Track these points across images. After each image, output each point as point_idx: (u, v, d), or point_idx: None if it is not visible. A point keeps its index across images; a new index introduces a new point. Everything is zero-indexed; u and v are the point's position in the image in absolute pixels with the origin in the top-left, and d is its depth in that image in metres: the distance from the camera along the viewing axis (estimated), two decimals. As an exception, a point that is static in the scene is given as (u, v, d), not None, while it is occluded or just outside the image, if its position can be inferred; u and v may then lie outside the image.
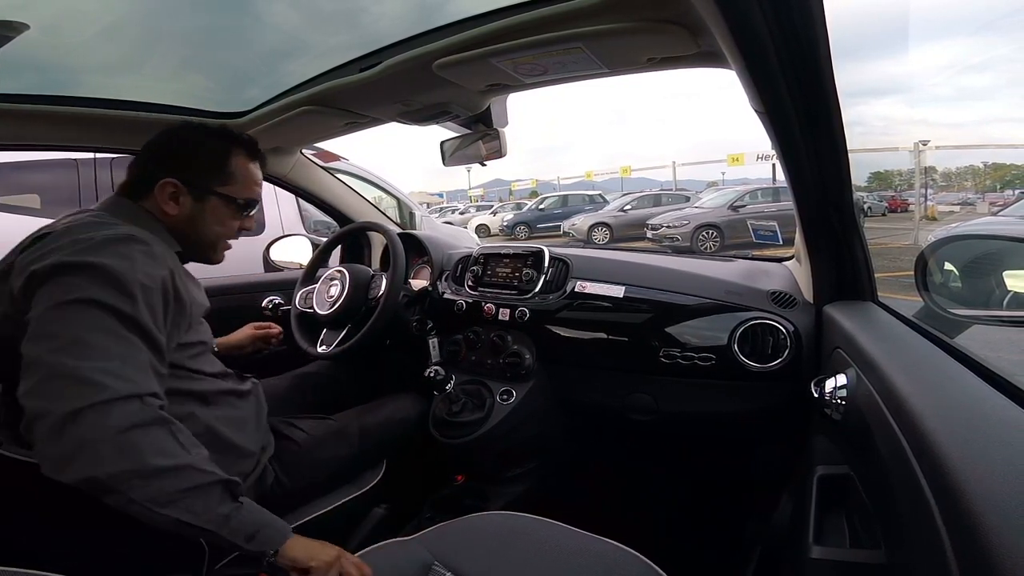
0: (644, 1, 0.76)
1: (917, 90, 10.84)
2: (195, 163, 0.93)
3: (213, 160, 0.94)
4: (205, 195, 0.93)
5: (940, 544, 0.39)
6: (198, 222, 0.93)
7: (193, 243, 0.94)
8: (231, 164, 0.95)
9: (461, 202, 29.48)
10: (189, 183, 0.91)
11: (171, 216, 0.91)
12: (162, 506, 0.66)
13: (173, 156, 0.92)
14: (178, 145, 0.94)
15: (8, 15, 0.90)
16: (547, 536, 0.83)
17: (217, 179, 0.94)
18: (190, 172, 0.92)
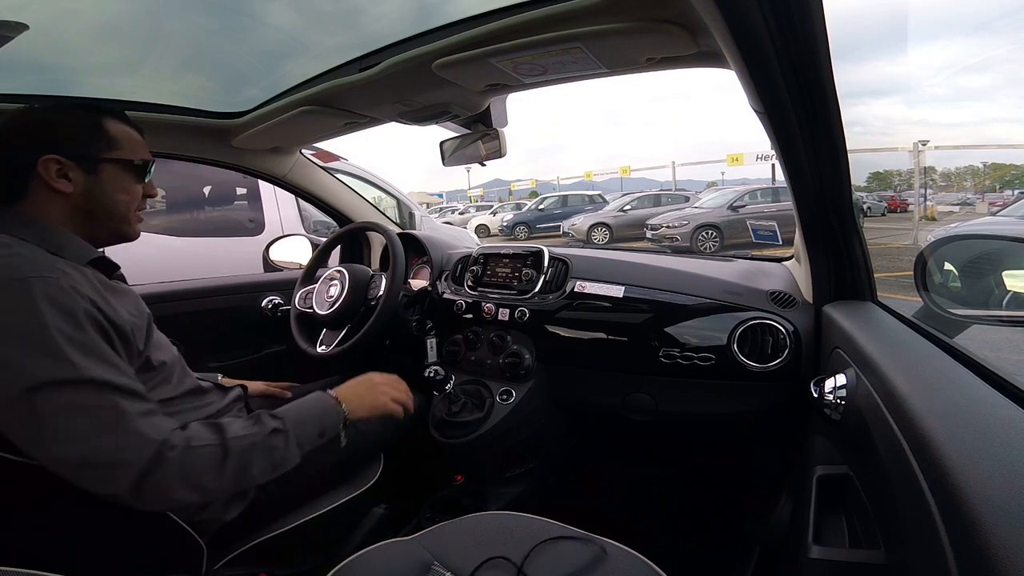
0: (643, 1, 0.76)
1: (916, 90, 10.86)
2: (69, 135, 0.82)
3: (87, 128, 0.84)
4: (97, 164, 0.83)
5: (939, 544, 0.39)
6: (99, 195, 0.83)
7: (101, 221, 0.84)
8: (108, 128, 0.85)
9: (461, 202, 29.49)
10: (74, 156, 0.80)
11: (66, 196, 0.80)
12: (249, 484, 0.77)
13: (40, 135, 0.81)
14: (37, 124, 0.82)
15: (7, 15, 0.90)
16: (546, 536, 0.83)
17: (102, 145, 0.84)
18: (68, 145, 0.80)
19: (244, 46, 1.17)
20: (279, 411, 0.85)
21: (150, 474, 0.67)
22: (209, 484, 0.72)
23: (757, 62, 0.68)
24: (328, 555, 1.05)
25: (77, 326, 0.69)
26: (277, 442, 0.80)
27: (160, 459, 0.68)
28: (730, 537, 1.37)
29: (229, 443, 0.75)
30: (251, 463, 0.76)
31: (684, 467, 1.61)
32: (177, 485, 0.69)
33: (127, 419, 0.68)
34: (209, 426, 0.76)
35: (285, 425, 0.82)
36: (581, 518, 0.89)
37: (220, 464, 0.73)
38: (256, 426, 0.80)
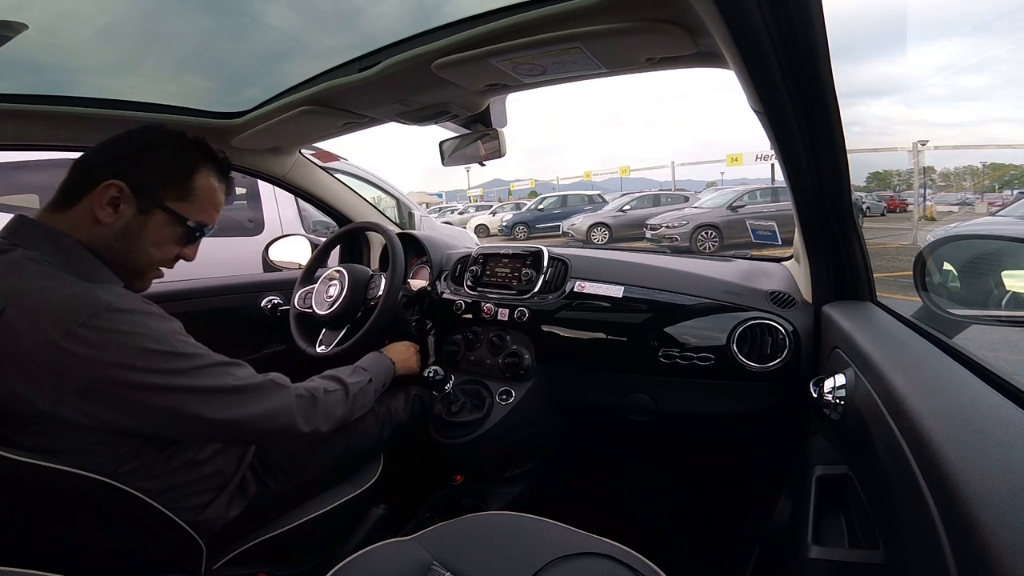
0: (643, 1, 0.76)
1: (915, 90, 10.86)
2: (153, 166, 0.80)
3: (175, 168, 0.82)
4: (152, 207, 0.80)
5: (938, 544, 0.39)
6: (132, 238, 0.79)
7: (117, 262, 0.80)
8: (196, 178, 0.83)
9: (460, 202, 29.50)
10: (137, 189, 0.78)
11: (102, 226, 0.77)
12: (350, 417, 1.01)
13: (128, 156, 0.79)
14: (138, 145, 0.81)
15: (6, 15, 0.90)
16: (546, 536, 0.83)
17: (173, 191, 0.81)
18: (142, 175, 0.78)
19: (244, 46, 1.16)
20: (364, 365, 1.13)
21: (305, 414, 0.88)
22: (338, 415, 0.96)
23: (756, 62, 0.68)
24: (328, 555, 1.05)
25: (176, 329, 0.78)
26: (369, 388, 1.07)
27: (308, 402, 0.90)
28: (729, 537, 1.38)
29: (349, 388, 1.00)
30: (356, 402, 1.02)
31: (683, 467, 1.61)
32: (321, 419, 0.91)
33: (268, 379, 0.85)
34: (330, 377, 1.01)
35: (373, 376, 1.10)
36: (580, 518, 0.89)
37: (344, 402, 0.98)
38: (359, 376, 1.06)
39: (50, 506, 0.73)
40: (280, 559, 1.02)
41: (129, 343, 0.70)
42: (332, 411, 0.94)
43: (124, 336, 0.70)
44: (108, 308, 0.70)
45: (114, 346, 0.69)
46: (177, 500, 0.81)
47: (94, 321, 0.68)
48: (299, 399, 0.88)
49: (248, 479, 0.96)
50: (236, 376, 0.81)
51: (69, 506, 0.72)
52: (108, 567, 0.80)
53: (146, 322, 0.73)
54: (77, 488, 0.70)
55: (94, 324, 0.68)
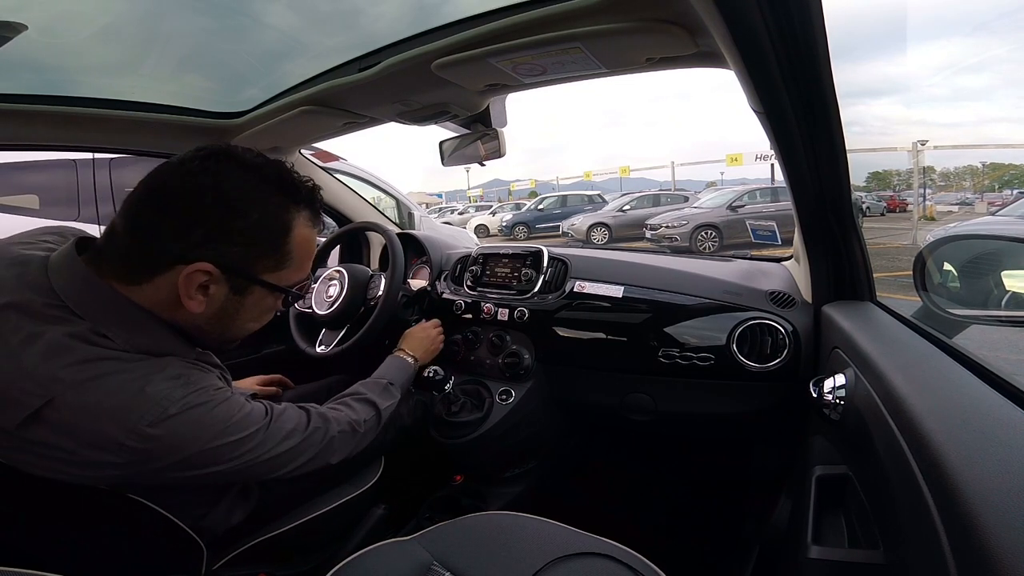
0: (643, 1, 0.76)
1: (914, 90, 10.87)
2: (243, 238, 0.65)
3: (269, 232, 0.68)
4: (249, 285, 0.69)
5: (938, 544, 0.39)
6: (229, 319, 0.71)
7: (208, 338, 0.73)
8: (292, 237, 0.69)
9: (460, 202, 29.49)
10: (228, 268, 0.65)
11: (192, 314, 0.66)
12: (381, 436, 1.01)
13: (210, 222, 0.63)
14: (220, 204, 0.63)
15: (6, 15, 0.90)
16: (546, 536, 0.83)
17: (270, 261, 0.69)
18: (235, 251, 0.65)
19: (244, 46, 1.16)
20: (390, 379, 1.10)
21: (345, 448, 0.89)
22: (368, 440, 0.96)
23: (756, 62, 0.68)
24: (328, 555, 1.05)
25: (228, 397, 0.70)
26: (400, 409, 1.10)
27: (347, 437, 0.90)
28: (729, 537, 1.38)
29: (382, 414, 1.00)
30: (388, 422, 1.02)
31: (683, 467, 1.61)
32: (359, 447, 0.93)
33: (312, 426, 0.83)
34: (364, 402, 0.99)
35: (401, 390, 1.10)
36: (580, 518, 0.89)
37: (376, 428, 0.98)
38: (390, 399, 1.05)
39: (51, 508, 0.73)
40: (280, 559, 1.02)
41: (200, 444, 0.65)
42: (365, 439, 0.95)
43: (194, 437, 0.65)
44: (174, 406, 0.62)
45: (186, 444, 0.64)
46: (180, 507, 0.81)
47: (162, 421, 0.61)
48: (341, 435, 0.88)
49: (251, 484, 0.96)
50: (288, 433, 0.78)
51: (70, 508, 0.72)
52: (108, 568, 0.80)
53: (212, 415, 0.66)
54: (78, 491, 0.70)
55: (162, 423, 0.61)
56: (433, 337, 1.31)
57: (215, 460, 0.68)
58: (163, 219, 0.63)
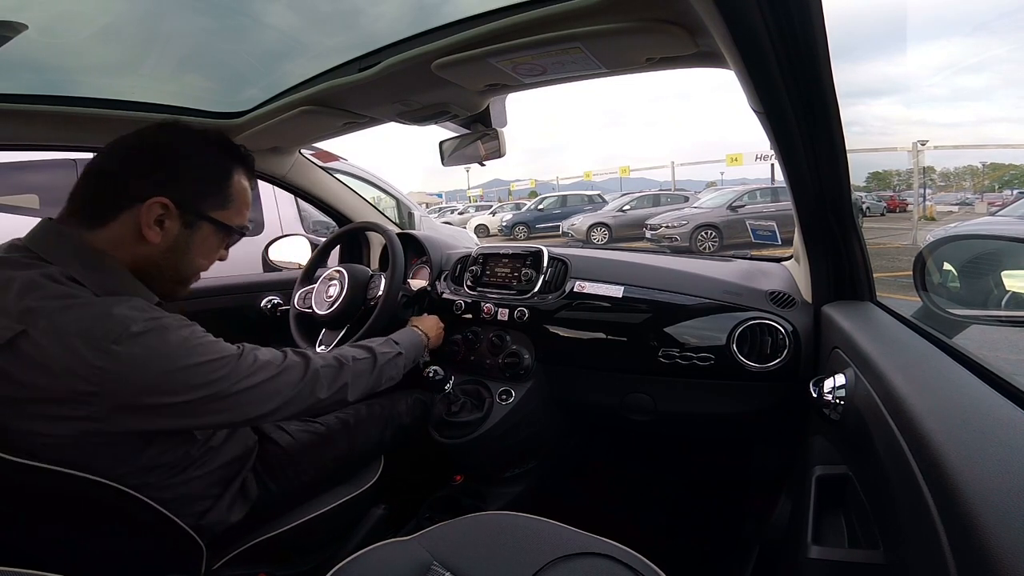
0: (643, 1, 0.76)
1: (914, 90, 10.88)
2: (192, 177, 0.77)
3: (212, 175, 0.80)
4: (198, 220, 0.79)
5: (938, 544, 0.39)
6: (181, 253, 0.79)
7: (165, 278, 0.80)
8: (232, 183, 0.82)
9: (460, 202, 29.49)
10: (181, 203, 0.75)
11: (149, 245, 0.75)
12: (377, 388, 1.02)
13: (164, 168, 0.75)
14: (169, 153, 0.77)
15: (6, 15, 0.90)
16: (546, 536, 0.83)
17: (213, 200, 0.80)
18: (183, 188, 0.76)
19: (244, 46, 1.16)
20: (396, 338, 1.13)
21: (330, 380, 0.89)
22: (362, 384, 0.96)
23: (756, 62, 0.68)
24: (328, 555, 1.05)
25: (199, 333, 0.76)
26: (399, 362, 1.07)
27: (334, 370, 0.91)
28: (729, 537, 1.38)
29: (378, 357, 1.02)
30: (384, 372, 1.02)
31: (683, 467, 1.61)
32: (350, 385, 0.93)
33: (290, 360, 0.85)
34: (360, 346, 1.02)
35: (403, 350, 1.10)
36: (580, 518, 0.89)
37: (370, 372, 0.99)
38: (389, 347, 1.07)
39: (51, 507, 0.73)
40: (280, 559, 1.02)
41: (165, 363, 0.69)
42: (358, 380, 0.95)
43: (159, 355, 0.69)
44: (136, 324, 0.68)
45: (151, 363, 0.68)
46: (180, 507, 0.81)
47: (127, 338, 0.66)
48: (326, 369, 0.89)
49: (250, 481, 0.96)
50: (263, 365, 0.81)
51: (70, 507, 0.72)
52: (108, 568, 0.80)
53: (175, 335, 0.71)
54: (78, 490, 0.70)
55: (127, 341, 0.66)
56: (441, 326, 1.36)
57: (184, 385, 0.70)
58: (124, 167, 0.75)
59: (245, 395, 0.77)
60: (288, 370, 0.84)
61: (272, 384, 0.81)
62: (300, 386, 0.84)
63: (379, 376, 1.01)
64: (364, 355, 1.00)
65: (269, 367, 0.81)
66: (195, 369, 0.72)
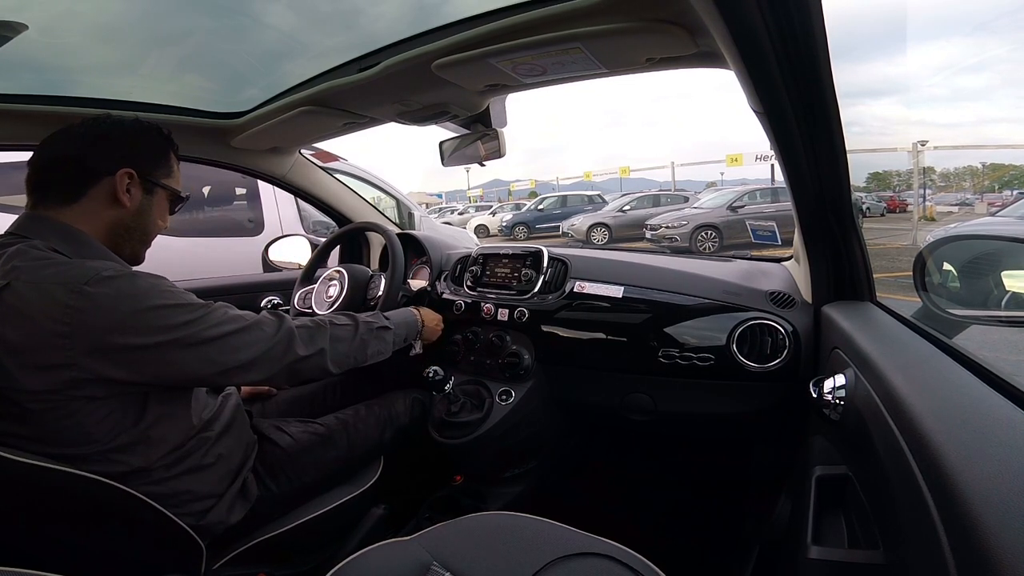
0: (643, 1, 0.76)
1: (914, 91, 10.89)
2: (145, 153, 0.89)
3: (158, 151, 0.92)
4: (154, 187, 0.90)
5: (938, 544, 0.39)
6: (145, 215, 0.89)
7: (134, 240, 0.90)
8: (170, 156, 0.93)
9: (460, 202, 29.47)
10: (143, 174, 0.88)
11: (121, 209, 0.86)
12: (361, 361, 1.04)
13: (123, 147, 0.87)
14: (124, 136, 0.88)
15: (7, 15, 0.90)
16: (546, 536, 0.83)
17: (164, 171, 0.92)
18: (141, 161, 0.88)
19: (243, 46, 1.17)
20: (387, 312, 1.14)
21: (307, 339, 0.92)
22: (343, 350, 0.98)
23: (756, 62, 0.68)
24: (327, 555, 1.05)
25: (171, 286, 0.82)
26: (386, 335, 1.08)
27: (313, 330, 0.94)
28: (729, 537, 1.38)
29: (360, 325, 1.03)
30: (368, 343, 1.04)
31: (683, 467, 1.61)
32: (328, 349, 0.94)
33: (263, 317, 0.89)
34: (343, 314, 1.05)
35: (393, 325, 1.11)
36: (580, 518, 0.89)
37: (352, 338, 1.00)
38: (376, 319, 1.08)
39: (51, 507, 0.73)
40: (280, 559, 1.02)
41: (134, 303, 0.75)
42: (337, 345, 0.96)
43: (128, 295, 0.75)
44: (107, 271, 0.75)
45: (121, 303, 0.74)
46: (180, 506, 0.81)
47: (98, 280, 0.73)
48: (302, 329, 0.92)
49: (250, 482, 0.96)
50: (235, 317, 0.85)
51: (70, 507, 0.72)
52: (108, 568, 0.80)
53: (144, 280, 0.78)
54: (78, 489, 0.70)
55: (98, 283, 0.73)
56: (439, 323, 1.37)
57: (151, 326, 0.75)
58: (86, 151, 0.84)
59: (216, 344, 0.81)
60: (261, 324, 0.88)
61: (245, 335, 0.85)
62: (274, 340, 0.88)
63: (362, 346, 1.02)
64: (345, 321, 1.01)
65: (240, 320, 0.86)
66: (164, 311, 0.77)
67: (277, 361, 0.88)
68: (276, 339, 0.88)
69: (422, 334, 1.27)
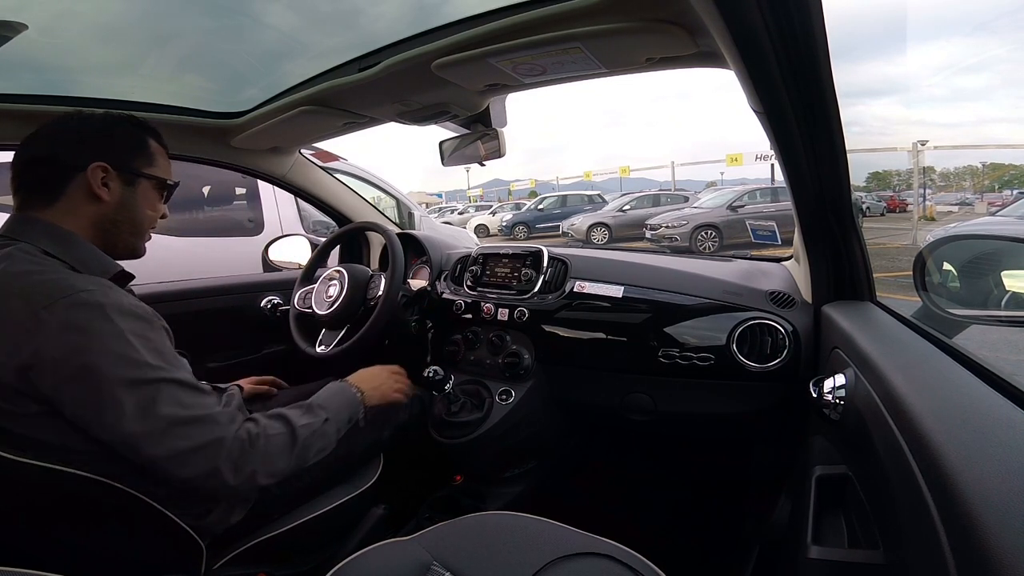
0: (643, 1, 0.76)
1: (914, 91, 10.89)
2: (118, 145, 0.86)
3: (132, 141, 0.89)
4: (136, 178, 0.87)
5: (938, 544, 0.39)
6: (131, 207, 0.87)
7: (124, 233, 0.88)
8: (150, 144, 0.90)
9: (460, 202, 29.47)
10: (119, 166, 0.85)
11: (101, 203, 0.84)
12: (303, 465, 0.88)
13: (93, 141, 0.84)
14: (91, 131, 0.86)
15: (7, 15, 0.90)
16: (545, 536, 0.83)
17: (144, 160, 0.89)
18: (117, 154, 0.85)
19: (243, 46, 1.17)
20: (320, 402, 0.96)
21: (237, 460, 0.77)
22: (282, 466, 0.83)
23: (756, 62, 0.68)
24: (327, 555, 1.05)
25: (147, 328, 0.76)
26: (328, 429, 0.93)
27: (243, 446, 0.78)
28: (729, 537, 1.38)
29: (297, 431, 0.86)
30: (310, 447, 0.88)
31: (683, 467, 1.61)
32: (260, 470, 0.79)
33: (208, 413, 0.77)
34: (276, 417, 0.87)
35: (330, 415, 0.94)
36: (580, 518, 0.89)
37: (290, 449, 0.85)
38: (312, 416, 0.91)
39: (51, 507, 0.73)
40: (280, 559, 1.02)
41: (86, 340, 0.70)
42: (272, 461, 0.81)
43: (83, 331, 0.70)
44: (82, 296, 0.72)
45: (74, 336, 0.70)
46: (180, 506, 0.81)
47: (60, 306, 0.70)
48: (235, 440, 0.78)
49: None
50: (186, 404, 0.75)
51: (70, 507, 0.72)
52: (108, 568, 0.80)
53: (116, 322, 0.72)
54: (78, 489, 0.70)
55: (59, 309, 0.70)
56: (385, 377, 1.13)
57: (87, 377, 0.69)
58: (58, 150, 0.83)
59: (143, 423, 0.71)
60: (202, 423, 0.76)
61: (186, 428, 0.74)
62: (201, 439, 0.75)
63: (301, 453, 0.86)
64: (280, 430, 0.85)
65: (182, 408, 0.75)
66: (108, 365, 0.70)
67: (199, 460, 0.74)
68: (206, 440, 0.75)
69: (366, 402, 1.04)
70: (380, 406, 1.08)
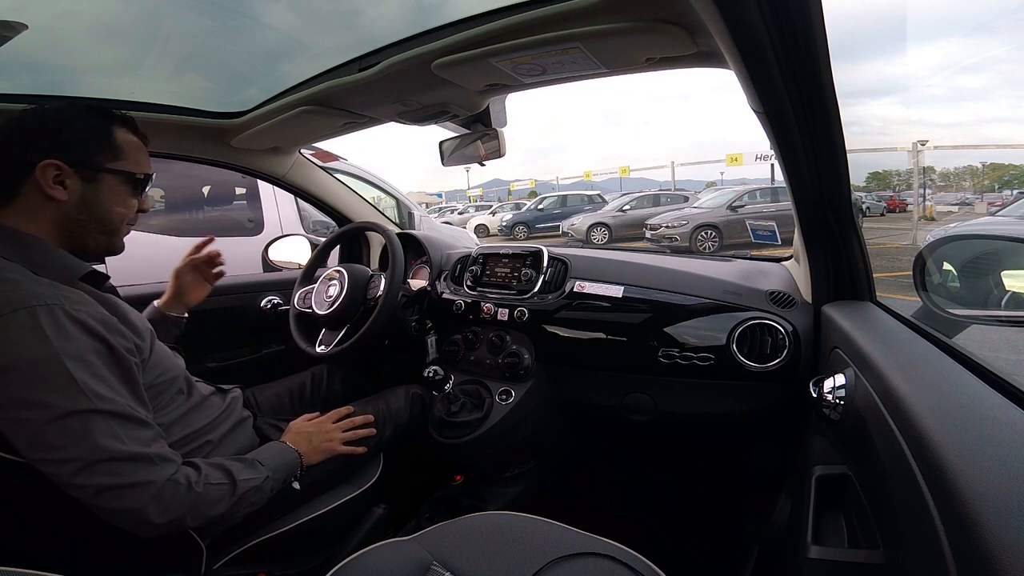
0: (643, 1, 0.76)
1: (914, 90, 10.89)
2: (75, 139, 0.80)
3: (94, 134, 0.83)
4: (97, 173, 0.82)
5: (938, 544, 0.39)
6: (94, 205, 0.82)
7: (91, 233, 0.83)
8: (116, 136, 0.84)
9: (460, 202, 29.48)
10: (75, 163, 0.79)
11: (58, 204, 0.79)
12: (234, 517, 0.87)
13: (44, 136, 0.79)
14: (42, 125, 0.80)
15: (7, 15, 0.90)
16: (545, 536, 0.83)
17: (107, 155, 0.83)
18: (71, 150, 0.79)
19: (243, 46, 1.17)
20: (262, 459, 0.93)
21: (168, 503, 0.74)
22: (213, 514, 0.81)
23: (756, 62, 0.68)
24: (327, 555, 1.05)
25: (93, 350, 0.73)
26: (265, 486, 0.90)
27: (176, 491, 0.75)
28: (729, 537, 1.38)
29: (238, 485, 0.85)
30: (245, 500, 0.86)
31: (683, 467, 1.61)
32: (190, 515, 0.77)
33: (143, 452, 0.73)
34: (219, 468, 0.85)
35: (271, 473, 0.92)
36: (580, 518, 0.89)
37: (227, 500, 0.83)
38: (255, 472, 0.90)
39: (50, 507, 0.73)
40: (280, 559, 1.02)
41: (10, 361, 0.67)
42: (207, 507, 0.79)
43: (11, 353, 0.67)
44: (20, 316, 0.69)
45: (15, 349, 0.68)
46: None
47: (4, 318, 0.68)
48: (171, 484, 0.75)
49: None
50: (113, 433, 0.71)
51: (71, 507, 0.72)
52: (108, 568, 0.80)
53: (54, 343, 0.69)
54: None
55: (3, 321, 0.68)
56: (319, 431, 1.08)
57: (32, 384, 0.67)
58: (8, 147, 0.78)
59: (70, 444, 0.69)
60: (135, 461, 0.73)
61: (106, 450, 0.70)
62: (134, 478, 0.72)
63: (237, 504, 0.84)
64: (221, 480, 0.83)
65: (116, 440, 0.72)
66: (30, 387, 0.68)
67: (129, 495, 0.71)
68: (138, 477, 0.72)
69: (305, 461, 1.02)
70: (320, 461, 1.05)
